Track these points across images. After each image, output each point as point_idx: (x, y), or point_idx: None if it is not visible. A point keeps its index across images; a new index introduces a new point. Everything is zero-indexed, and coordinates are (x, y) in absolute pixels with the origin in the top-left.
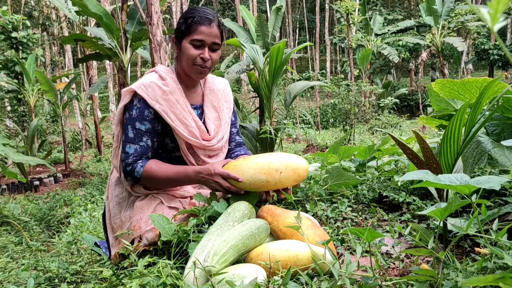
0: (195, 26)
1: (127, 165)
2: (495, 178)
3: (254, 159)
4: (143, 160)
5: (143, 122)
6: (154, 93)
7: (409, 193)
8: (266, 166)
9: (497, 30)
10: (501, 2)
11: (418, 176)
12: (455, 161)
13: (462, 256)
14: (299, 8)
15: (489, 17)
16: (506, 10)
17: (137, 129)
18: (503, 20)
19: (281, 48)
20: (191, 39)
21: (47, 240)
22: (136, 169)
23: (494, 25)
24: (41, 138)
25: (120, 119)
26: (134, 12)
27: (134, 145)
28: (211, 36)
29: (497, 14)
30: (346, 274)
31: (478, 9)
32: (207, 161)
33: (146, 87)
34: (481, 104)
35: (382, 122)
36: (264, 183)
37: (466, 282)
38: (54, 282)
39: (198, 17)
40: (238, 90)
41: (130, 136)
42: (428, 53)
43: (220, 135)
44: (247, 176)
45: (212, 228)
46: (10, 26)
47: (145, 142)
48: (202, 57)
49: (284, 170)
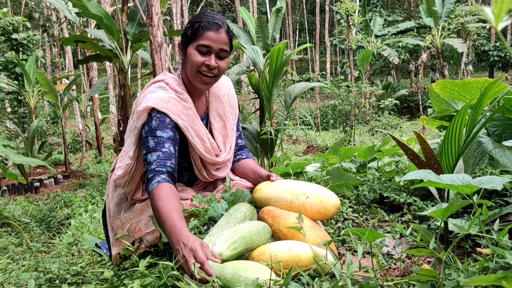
0: (202, 31)
1: (149, 172)
2: (497, 178)
3: (289, 182)
4: (164, 174)
5: (165, 130)
6: (176, 108)
7: (410, 193)
8: (296, 187)
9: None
10: (505, 1)
11: (420, 176)
12: (456, 161)
13: (464, 257)
14: (299, 10)
15: (493, 16)
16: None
17: (158, 137)
18: (506, 19)
19: (281, 50)
20: (197, 44)
21: (47, 242)
22: (153, 181)
23: (498, 24)
24: (42, 139)
25: (136, 139)
26: (135, 14)
27: (156, 152)
28: (218, 42)
29: (501, 13)
30: (348, 274)
31: (482, 8)
32: (215, 174)
33: (166, 102)
34: (482, 105)
35: (382, 123)
36: (288, 203)
37: (468, 282)
38: (55, 283)
39: (205, 22)
40: (239, 92)
41: (151, 146)
42: (428, 54)
43: (228, 147)
44: (274, 192)
45: (213, 229)
46: (11, 28)
47: (167, 148)
48: (208, 64)
49: (311, 196)
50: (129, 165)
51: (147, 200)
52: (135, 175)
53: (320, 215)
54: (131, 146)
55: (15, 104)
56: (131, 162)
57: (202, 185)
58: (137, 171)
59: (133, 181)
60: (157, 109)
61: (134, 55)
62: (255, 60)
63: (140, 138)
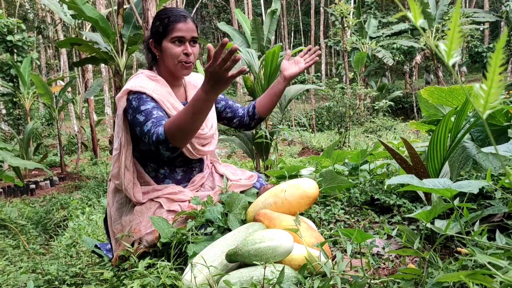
0: (173, 25)
1: (150, 134)
2: (474, 182)
3: (268, 190)
4: (162, 125)
5: (147, 103)
6: (148, 86)
7: (400, 196)
8: (274, 190)
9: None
10: (454, 41)
11: (403, 180)
12: (441, 165)
13: (449, 256)
14: (294, 11)
15: (444, 53)
16: (498, 13)
17: (143, 110)
18: (456, 56)
19: (276, 52)
20: (171, 37)
21: (44, 243)
22: (158, 133)
23: (449, 60)
24: (37, 141)
25: (121, 125)
26: (130, 16)
27: (148, 122)
28: (189, 31)
29: (451, 51)
30: (337, 272)
31: (437, 44)
32: (201, 149)
33: (140, 83)
34: (466, 111)
35: (377, 125)
36: (273, 205)
37: (440, 278)
38: (54, 284)
39: (173, 16)
40: (234, 93)
41: (141, 120)
42: (422, 56)
43: (209, 124)
44: (259, 204)
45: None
46: (5, 29)
47: (156, 114)
48: (186, 53)
49: (288, 188)
50: (118, 155)
51: (147, 203)
52: (127, 164)
53: (304, 200)
54: (117, 136)
55: (10, 106)
56: (119, 151)
57: (198, 182)
58: (128, 160)
59: (128, 171)
60: (133, 91)
61: (129, 56)
62: (250, 63)
63: (126, 125)
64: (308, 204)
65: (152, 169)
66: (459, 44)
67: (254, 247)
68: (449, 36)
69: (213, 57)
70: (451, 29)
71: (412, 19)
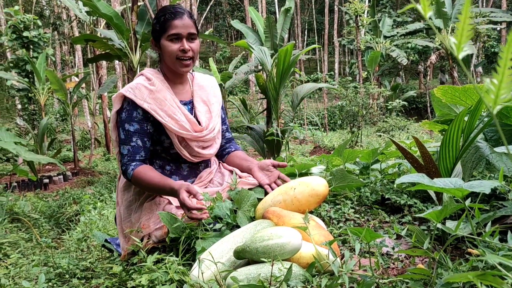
0: (169, 22)
1: (122, 165)
2: (486, 182)
3: (277, 188)
4: (136, 162)
5: (132, 123)
6: (141, 94)
7: (411, 196)
8: (283, 188)
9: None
10: (464, 34)
11: (414, 179)
12: (454, 165)
13: (460, 257)
14: (308, 10)
15: (454, 47)
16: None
17: (126, 130)
18: (467, 50)
19: (289, 51)
20: (167, 35)
21: (56, 237)
22: (128, 170)
23: (459, 54)
24: (51, 136)
25: (114, 125)
26: (144, 13)
27: (126, 146)
28: (185, 27)
29: (461, 44)
30: (345, 271)
31: (450, 39)
32: (201, 152)
33: (133, 89)
34: (479, 111)
35: (390, 125)
36: (282, 203)
37: (449, 278)
38: (65, 277)
39: (168, 13)
40: (246, 91)
41: (122, 138)
42: (437, 55)
43: (211, 126)
44: (268, 202)
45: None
46: (22, 26)
47: (135, 142)
48: (183, 49)
49: (297, 186)
50: (118, 151)
51: (156, 198)
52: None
53: (313, 198)
54: (114, 133)
55: (25, 102)
56: (118, 149)
57: (205, 178)
58: None
59: None
60: (125, 96)
61: (143, 54)
62: (262, 61)
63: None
64: (318, 202)
65: (158, 165)
66: (469, 37)
67: (262, 244)
68: (459, 29)
69: (187, 209)
70: (460, 21)
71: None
